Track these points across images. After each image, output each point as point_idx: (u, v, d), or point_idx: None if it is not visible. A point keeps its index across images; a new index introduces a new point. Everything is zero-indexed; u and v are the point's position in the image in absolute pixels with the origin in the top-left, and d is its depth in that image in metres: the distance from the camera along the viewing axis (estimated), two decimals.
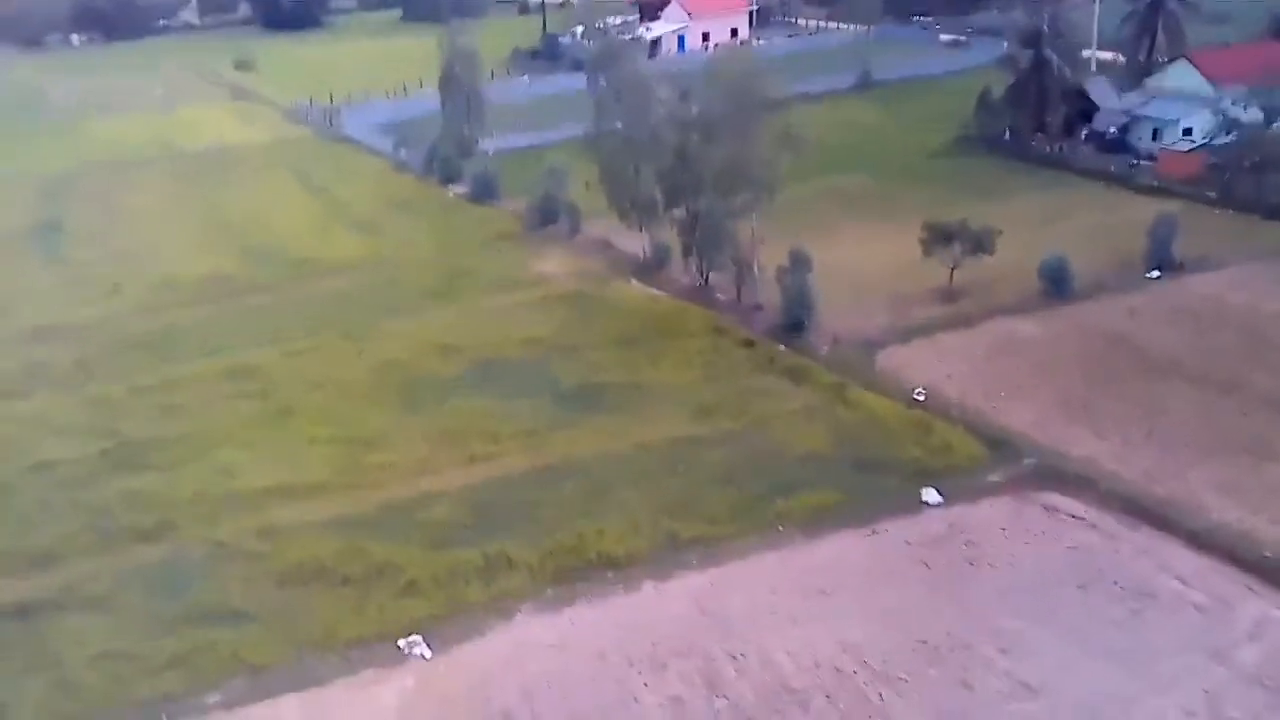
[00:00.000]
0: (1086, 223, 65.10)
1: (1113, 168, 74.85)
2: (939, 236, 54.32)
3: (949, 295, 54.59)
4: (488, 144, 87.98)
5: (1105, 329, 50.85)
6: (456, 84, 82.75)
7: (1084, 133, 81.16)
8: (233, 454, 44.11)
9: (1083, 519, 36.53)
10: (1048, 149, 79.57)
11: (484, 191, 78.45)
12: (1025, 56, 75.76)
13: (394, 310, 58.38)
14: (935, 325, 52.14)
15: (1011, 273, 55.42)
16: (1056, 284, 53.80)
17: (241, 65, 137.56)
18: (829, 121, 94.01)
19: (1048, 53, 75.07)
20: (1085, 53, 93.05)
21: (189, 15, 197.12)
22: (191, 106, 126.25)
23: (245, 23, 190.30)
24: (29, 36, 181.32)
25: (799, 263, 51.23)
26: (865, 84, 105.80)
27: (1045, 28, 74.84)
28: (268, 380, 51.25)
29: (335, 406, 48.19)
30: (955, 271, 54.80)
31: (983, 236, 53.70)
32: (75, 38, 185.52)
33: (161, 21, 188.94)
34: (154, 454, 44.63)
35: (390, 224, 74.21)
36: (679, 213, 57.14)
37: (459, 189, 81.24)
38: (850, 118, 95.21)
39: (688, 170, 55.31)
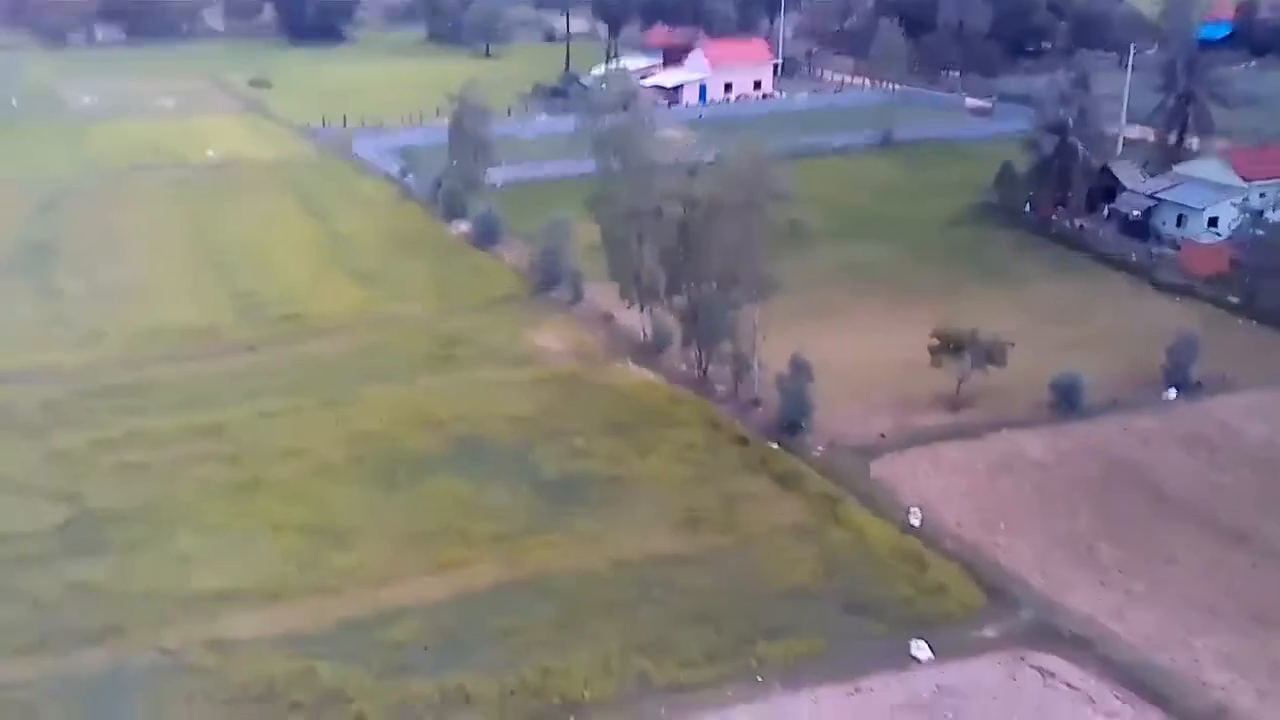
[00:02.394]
0: (1104, 323, 63.00)
1: (1134, 255, 72.79)
2: (949, 346, 52.08)
3: (954, 403, 52.36)
4: (495, 176, 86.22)
5: (1115, 455, 48.58)
6: (465, 134, 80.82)
7: (1106, 211, 79.20)
8: (192, 539, 42.01)
9: (1079, 690, 34.23)
10: (1068, 224, 77.53)
11: (487, 234, 76.75)
12: (1050, 142, 73.62)
13: (379, 377, 56.30)
14: (937, 435, 49.94)
15: (1021, 383, 53.13)
16: (1068, 400, 51.57)
17: (257, 83, 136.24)
18: (846, 179, 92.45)
19: (1073, 140, 72.98)
20: (1113, 129, 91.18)
21: (213, 20, 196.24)
22: (204, 117, 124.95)
23: (268, 30, 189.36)
24: (52, 31, 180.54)
25: (799, 370, 49.05)
26: (886, 143, 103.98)
27: (1072, 119, 72.60)
28: (238, 443, 49.24)
29: (305, 482, 46.12)
30: (963, 380, 52.52)
31: (994, 350, 51.48)
32: (99, 32, 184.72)
33: (185, 25, 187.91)
34: (112, 531, 42.55)
35: (388, 269, 72.29)
36: (680, 300, 54.94)
37: (462, 227, 79.44)
38: (868, 177, 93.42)
39: (690, 254, 53.21)
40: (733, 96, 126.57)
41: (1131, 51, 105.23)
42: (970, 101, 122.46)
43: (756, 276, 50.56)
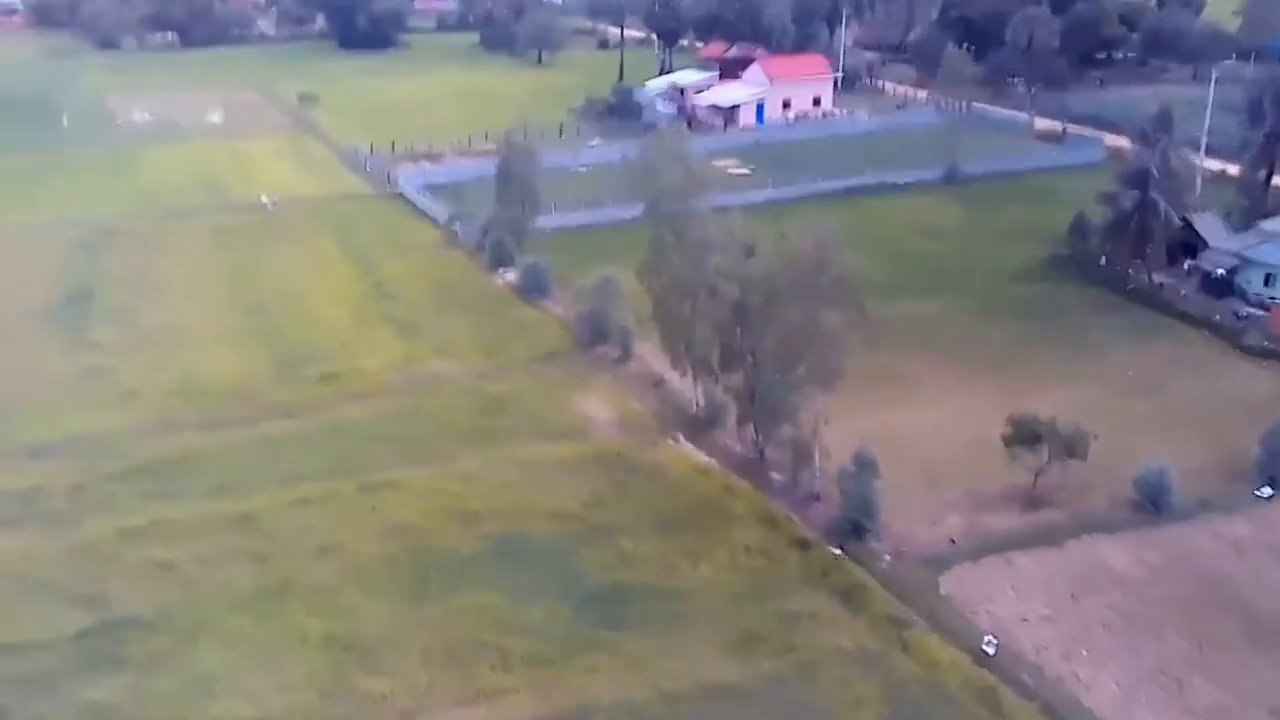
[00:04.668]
0: (1188, 396, 58.97)
1: (1218, 315, 68.40)
2: (1024, 436, 48.41)
3: (1031, 500, 48.74)
4: (544, 220, 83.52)
5: (1206, 568, 44.77)
6: (512, 179, 78.01)
7: (1186, 266, 74.75)
8: (215, 656, 39.65)
9: None
10: (1146, 280, 73.17)
11: (534, 286, 73.88)
12: (1130, 198, 69.25)
13: (419, 453, 53.67)
14: (1012, 540, 46.34)
15: (1102, 477, 49.41)
16: (1154, 502, 47.73)
17: (306, 99, 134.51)
18: (910, 223, 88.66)
19: (1154, 196, 68.58)
20: (1193, 157, 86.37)
21: (265, 25, 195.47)
22: (250, 138, 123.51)
23: (321, 36, 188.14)
24: (105, 36, 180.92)
25: (865, 467, 45.67)
26: (952, 178, 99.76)
27: (1154, 169, 68.21)
28: (270, 539, 46.81)
29: (336, 588, 43.56)
30: (1040, 474, 48.86)
31: (1074, 442, 47.74)
32: (152, 37, 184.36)
33: (236, 31, 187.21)
34: (132, 643, 40.27)
35: (432, 322, 69.67)
36: (735, 377, 51.67)
37: (509, 277, 76.71)
38: (933, 221, 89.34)
39: (746, 334, 49.94)
40: (791, 115, 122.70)
41: (1214, 77, 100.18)
42: (1038, 125, 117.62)
43: (820, 365, 47.09)
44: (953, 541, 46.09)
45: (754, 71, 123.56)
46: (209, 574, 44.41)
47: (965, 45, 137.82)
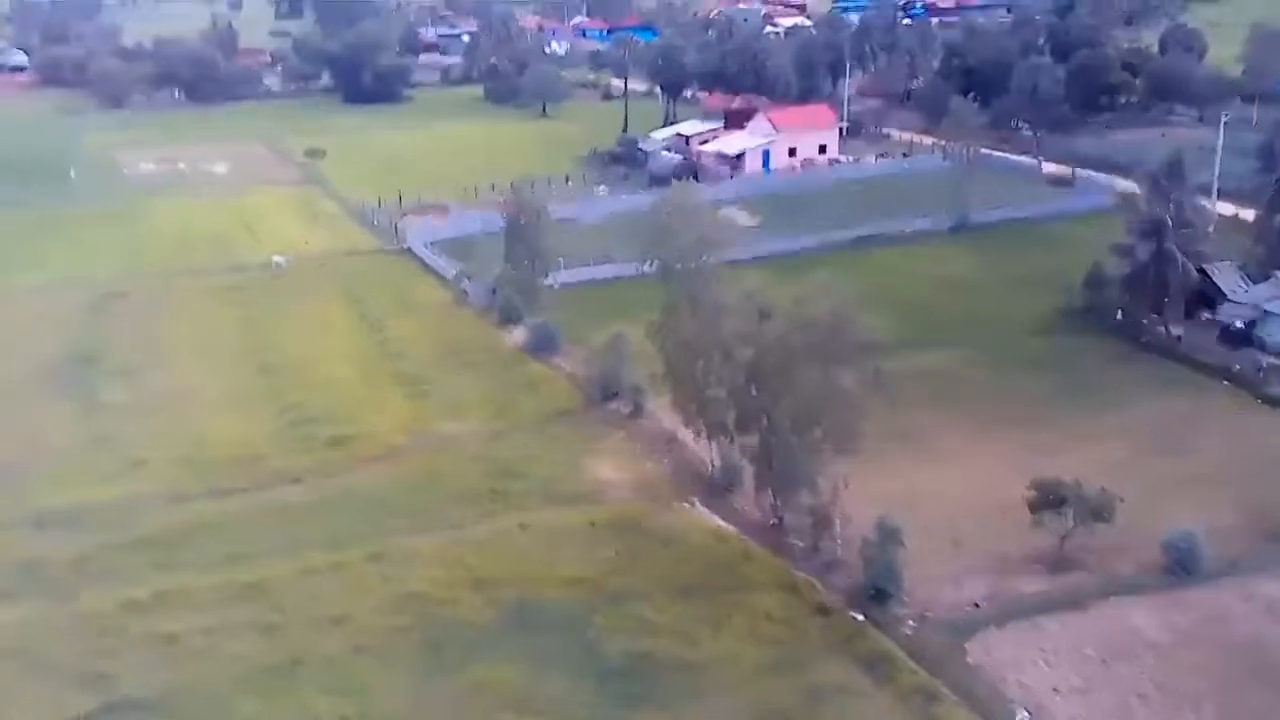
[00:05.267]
0: (1213, 451, 57.82)
1: (1238, 366, 67.42)
2: (1049, 499, 47.36)
3: (1057, 563, 47.56)
4: (553, 277, 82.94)
5: (1238, 634, 43.53)
6: (522, 238, 77.60)
7: (1204, 318, 73.88)
8: None
9: None
10: (1163, 331, 72.24)
11: (544, 344, 73.15)
12: (1145, 249, 68.53)
13: (429, 519, 52.71)
14: (1038, 605, 45.14)
15: (1129, 539, 48.21)
16: (1183, 565, 46.57)
17: (312, 154, 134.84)
18: (921, 275, 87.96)
19: (1170, 247, 67.88)
20: (1203, 200, 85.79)
21: (271, 82, 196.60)
22: (258, 191, 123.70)
23: (326, 92, 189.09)
24: (112, 95, 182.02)
25: (887, 534, 44.63)
26: (962, 226, 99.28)
27: (1169, 219, 67.57)
28: (279, 609, 45.75)
29: (346, 662, 42.44)
30: (1065, 538, 47.75)
31: (1100, 505, 46.69)
32: (158, 95, 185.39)
33: (243, 89, 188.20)
34: None
35: (442, 383, 68.78)
36: (751, 440, 50.74)
37: (518, 335, 76.00)
38: (944, 271, 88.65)
39: (762, 397, 49.06)
40: (798, 162, 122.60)
41: (1223, 120, 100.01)
42: (1047, 169, 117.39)
43: (837, 429, 46.16)
44: (977, 605, 44.94)
45: (759, 121, 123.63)
46: (216, 648, 43.35)
47: (968, 92, 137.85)
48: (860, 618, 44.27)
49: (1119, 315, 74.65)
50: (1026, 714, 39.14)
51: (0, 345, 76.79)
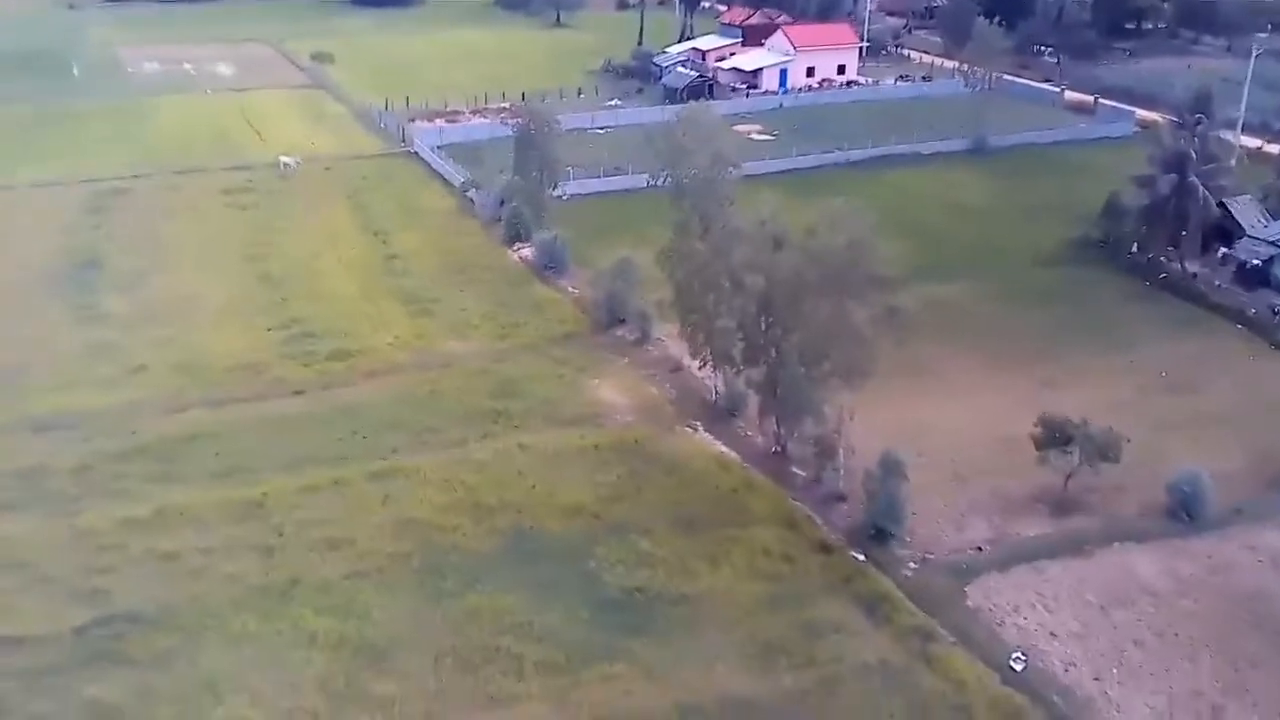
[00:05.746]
0: (1222, 395, 57.20)
1: (1253, 309, 66.34)
2: (1055, 437, 46.85)
3: (1061, 505, 47.20)
4: (562, 188, 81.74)
5: (1240, 584, 43.21)
6: (532, 148, 76.07)
7: (1220, 254, 72.65)
8: (220, 657, 38.38)
9: None
10: (1179, 267, 71.08)
11: (550, 262, 72.15)
12: (1167, 182, 67.03)
13: (430, 438, 52.32)
14: (1042, 548, 44.81)
15: (1134, 479, 47.86)
16: (1187, 509, 46.20)
17: (319, 57, 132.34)
18: (936, 198, 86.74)
19: (1193, 180, 66.39)
20: (1227, 134, 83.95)
21: None
22: (263, 91, 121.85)
23: None
24: None
25: (891, 469, 44.18)
26: (979, 149, 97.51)
27: (1193, 152, 65.99)
28: (276, 528, 45.52)
29: (345, 586, 42.24)
30: (1071, 477, 47.35)
31: (1106, 444, 46.18)
32: None
33: None
34: (134, 641, 39.12)
35: (445, 299, 68.01)
36: (757, 371, 50.07)
37: (525, 252, 74.98)
38: (960, 196, 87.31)
39: (771, 328, 48.28)
40: (816, 82, 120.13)
41: (1255, 52, 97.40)
42: (1069, 95, 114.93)
43: (847, 362, 45.44)
44: (980, 549, 44.66)
45: (778, 39, 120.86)
46: (214, 567, 43.11)
47: (992, 15, 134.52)
48: (861, 558, 44.00)
49: (1134, 249, 73.48)
50: (1022, 656, 39.01)
51: (1, 247, 76.02)
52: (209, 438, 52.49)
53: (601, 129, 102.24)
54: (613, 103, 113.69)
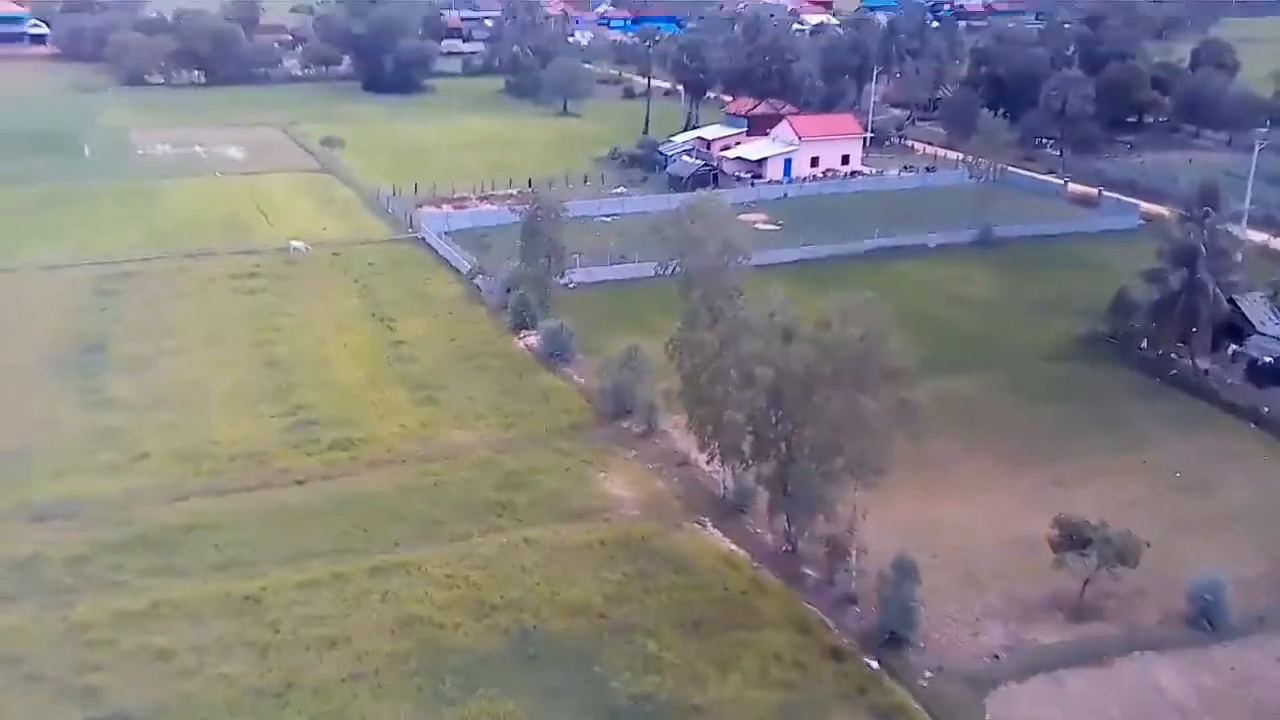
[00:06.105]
0: (1239, 496, 56.31)
1: (1266, 408, 65.52)
2: (1072, 540, 45.90)
3: (1079, 611, 46.07)
4: (568, 275, 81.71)
5: (1269, 696, 42.00)
6: (540, 235, 76.23)
7: (1231, 351, 72.16)
8: None
9: None
10: (1190, 364, 70.50)
11: (557, 350, 71.65)
12: (1178, 277, 66.84)
13: (434, 531, 51.38)
14: (1061, 656, 43.58)
15: (1153, 584, 46.85)
16: (1209, 616, 45.06)
17: (330, 142, 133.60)
18: (943, 290, 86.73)
19: (1203, 276, 66.22)
20: (1234, 229, 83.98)
21: (291, 65, 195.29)
22: (272, 174, 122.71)
23: (346, 78, 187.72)
24: (132, 72, 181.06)
25: (904, 572, 43.18)
26: (985, 241, 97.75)
27: (1202, 247, 65.92)
28: (274, 626, 44.28)
29: (342, 690, 40.89)
30: (1089, 582, 46.26)
31: (1124, 549, 45.22)
32: (178, 74, 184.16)
33: (263, 70, 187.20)
34: None
35: (452, 386, 67.40)
36: (768, 465, 49.28)
37: (531, 339, 74.58)
38: (966, 289, 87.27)
39: (782, 422, 47.60)
40: (820, 172, 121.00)
41: (1257, 146, 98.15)
42: (1073, 188, 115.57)
43: (860, 458, 44.67)
44: (997, 657, 43.46)
45: (783, 128, 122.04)
46: (209, 667, 41.90)
47: (995, 106, 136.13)
48: (875, 665, 42.77)
49: (1144, 344, 73.06)
50: None
51: (7, 326, 75.86)
52: (209, 528, 51.56)
53: (608, 217, 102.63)
54: (618, 191, 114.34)
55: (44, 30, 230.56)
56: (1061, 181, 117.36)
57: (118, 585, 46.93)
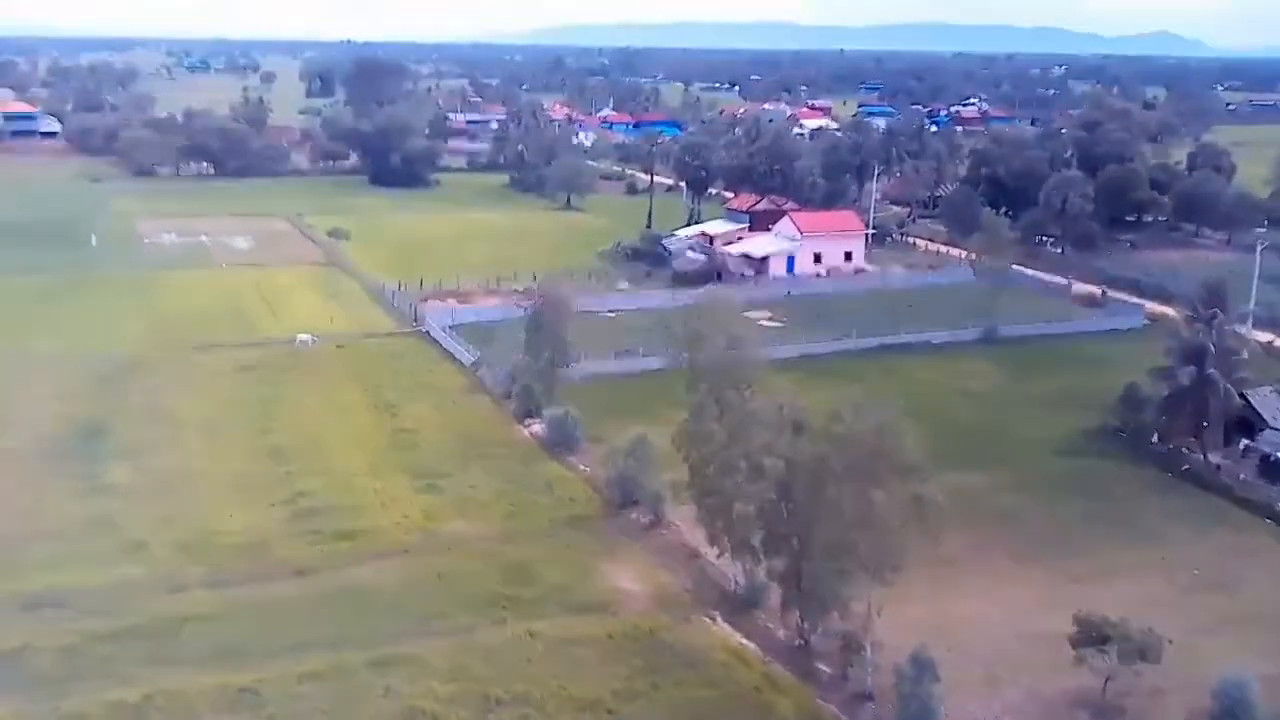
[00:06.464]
0: (1258, 594, 55.21)
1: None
2: (1092, 636, 44.77)
3: (1101, 710, 44.73)
4: (574, 368, 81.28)
5: None
6: (544, 329, 76.12)
7: (1243, 446, 71.52)
8: None
9: None
10: (1202, 459, 69.77)
11: (562, 439, 70.92)
12: (1188, 374, 66.58)
13: (437, 626, 50.08)
14: None
15: (1175, 683, 45.55)
16: (1235, 715, 43.62)
17: (335, 234, 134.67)
18: (950, 386, 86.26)
19: (1213, 373, 65.95)
20: (1240, 328, 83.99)
21: (299, 159, 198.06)
22: (278, 268, 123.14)
23: (353, 172, 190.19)
24: (141, 164, 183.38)
25: (922, 669, 41.97)
26: (990, 339, 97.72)
27: (1211, 345, 65.80)
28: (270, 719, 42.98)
29: None
30: (1110, 680, 45.01)
31: (1146, 646, 44.09)
32: (187, 167, 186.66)
33: (271, 164, 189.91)
34: None
35: (456, 477, 66.49)
36: (779, 560, 48.30)
37: (535, 428, 73.90)
38: (972, 385, 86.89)
39: (793, 517, 46.74)
40: (823, 269, 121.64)
41: (1260, 246, 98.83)
42: (1077, 287, 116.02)
43: (875, 555, 43.73)
44: None
45: (784, 224, 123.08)
46: None
47: (996, 204, 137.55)
48: None
49: (1155, 439, 72.47)
50: None
51: (7, 415, 75.13)
52: (205, 619, 50.27)
53: (611, 312, 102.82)
54: (622, 286, 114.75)
55: (56, 128, 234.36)
56: (1066, 281, 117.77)
57: (111, 676, 45.52)
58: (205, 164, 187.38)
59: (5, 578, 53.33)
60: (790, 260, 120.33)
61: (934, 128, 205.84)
